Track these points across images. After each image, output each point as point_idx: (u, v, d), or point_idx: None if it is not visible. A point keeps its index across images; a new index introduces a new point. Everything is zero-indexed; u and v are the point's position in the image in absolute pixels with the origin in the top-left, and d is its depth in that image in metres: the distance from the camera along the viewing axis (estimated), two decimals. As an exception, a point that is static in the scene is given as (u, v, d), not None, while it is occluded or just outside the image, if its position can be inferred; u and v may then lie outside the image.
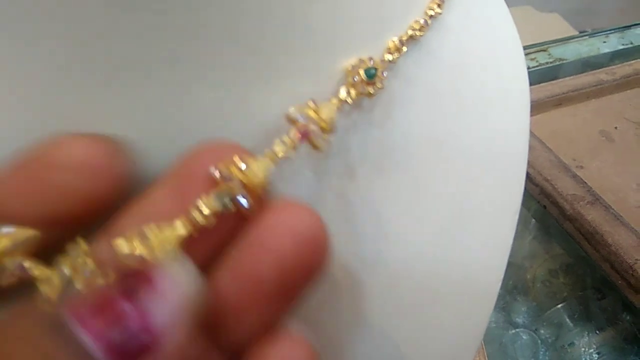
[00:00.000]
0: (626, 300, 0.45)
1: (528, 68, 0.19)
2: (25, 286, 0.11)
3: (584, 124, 0.57)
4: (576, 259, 0.50)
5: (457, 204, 0.16)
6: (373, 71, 0.14)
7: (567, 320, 0.47)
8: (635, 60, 0.66)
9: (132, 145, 0.12)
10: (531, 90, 0.20)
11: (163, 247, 0.10)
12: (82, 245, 0.10)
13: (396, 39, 0.14)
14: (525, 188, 0.18)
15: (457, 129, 0.16)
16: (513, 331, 0.47)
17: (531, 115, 0.19)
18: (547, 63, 0.67)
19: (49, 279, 0.10)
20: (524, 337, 0.47)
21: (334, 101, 0.13)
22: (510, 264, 0.18)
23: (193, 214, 0.11)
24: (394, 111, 0.15)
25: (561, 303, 0.48)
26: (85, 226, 0.11)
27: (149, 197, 0.11)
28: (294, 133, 0.12)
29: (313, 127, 0.12)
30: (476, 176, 0.16)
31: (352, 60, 0.14)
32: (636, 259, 0.43)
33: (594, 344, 0.45)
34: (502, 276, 0.17)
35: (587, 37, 0.72)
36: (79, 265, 0.10)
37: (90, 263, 0.10)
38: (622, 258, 0.43)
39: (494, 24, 0.18)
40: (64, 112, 0.12)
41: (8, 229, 0.10)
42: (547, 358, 0.45)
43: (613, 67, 0.63)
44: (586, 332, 0.46)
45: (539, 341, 0.46)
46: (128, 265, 0.10)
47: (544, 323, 0.47)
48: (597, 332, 0.46)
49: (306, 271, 0.11)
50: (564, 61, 0.67)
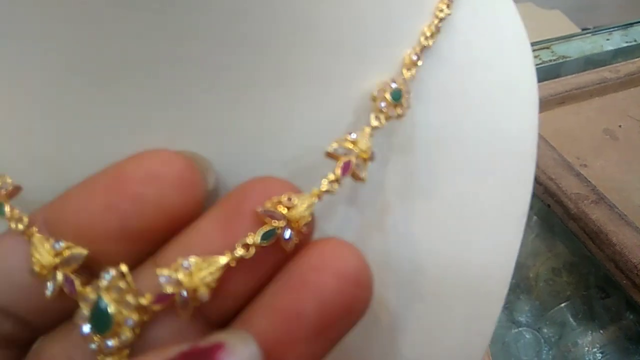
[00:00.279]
0: (630, 299, 0.45)
1: (532, 66, 0.19)
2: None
3: (588, 122, 0.56)
4: (580, 258, 0.50)
5: (465, 205, 0.16)
6: (399, 93, 0.13)
7: (571, 319, 0.47)
8: (639, 58, 0.66)
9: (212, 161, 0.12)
10: (535, 88, 0.19)
11: (204, 279, 0.10)
12: (123, 267, 0.11)
13: (412, 52, 0.14)
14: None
15: (466, 130, 0.16)
16: (516, 330, 0.47)
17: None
18: (550, 61, 0.66)
19: (87, 297, 0.11)
20: (527, 336, 0.46)
21: (367, 129, 0.13)
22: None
23: (238, 249, 0.11)
24: (413, 128, 0.15)
25: (564, 302, 0.48)
26: (161, 241, 0.11)
27: (198, 229, 0.11)
28: (338, 170, 0.12)
29: (355, 160, 0.12)
30: (484, 177, 0.16)
31: (374, 83, 0.14)
32: (641, 259, 0.43)
33: (598, 343, 0.45)
34: (511, 276, 0.17)
35: (591, 35, 0.72)
36: (114, 287, 0.10)
37: (125, 286, 0.10)
38: (627, 257, 0.43)
39: (502, 22, 0.18)
40: (73, 111, 0.12)
41: (60, 245, 0.11)
42: (550, 357, 0.45)
43: (617, 65, 0.63)
44: (590, 332, 0.46)
45: (542, 340, 0.46)
46: (167, 291, 0.10)
47: (547, 322, 0.47)
48: (601, 332, 0.46)
49: (348, 312, 0.11)
50: (567, 59, 0.67)
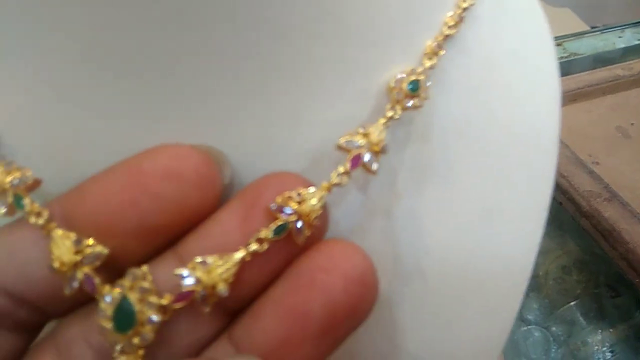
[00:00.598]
0: (642, 298, 0.44)
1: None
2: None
3: (600, 120, 0.56)
4: (590, 256, 0.49)
5: (486, 197, 0.16)
6: (417, 83, 0.13)
7: (580, 317, 0.47)
8: (652, 55, 0.65)
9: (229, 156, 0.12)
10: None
11: (222, 275, 0.11)
12: (143, 267, 0.11)
13: (433, 41, 0.14)
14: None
15: (488, 124, 0.16)
16: (525, 328, 0.47)
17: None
18: (562, 58, 0.66)
19: (109, 296, 0.11)
20: (536, 334, 0.46)
21: (382, 121, 0.13)
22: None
23: (252, 244, 0.11)
24: (433, 117, 0.14)
25: (574, 300, 0.48)
26: (177, 237, 0.11)
27: (218, 221, 0.12)
28: (348, 163, 0.12)
29: (366, 154, 0.12)
30: (506, 169, 0.16)
31: (393, 73, 0.13)
32: (653, 257, 0.42)
33: (607, 342, 0.45)
34: (531, 270, 0.17)
35: (601, 32, 0.71)
36: (138, 286, 0.11)
37: (147, 284, 0.11)
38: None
39: (524, 15, 0.18)
40: (89, 101, 0.12)
41: (81, 243, 0.11)
42: (560, 356, 0.45)
43: (630, 63, 0.62)
44: (599, 330, 0.46)
45: (551, 339, 0.46)
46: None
47: (557, 320, 0.47)
48: (611, 330, 0.46)
49: (354, 312, 0.11)
50: (579, 56, 0.66)
